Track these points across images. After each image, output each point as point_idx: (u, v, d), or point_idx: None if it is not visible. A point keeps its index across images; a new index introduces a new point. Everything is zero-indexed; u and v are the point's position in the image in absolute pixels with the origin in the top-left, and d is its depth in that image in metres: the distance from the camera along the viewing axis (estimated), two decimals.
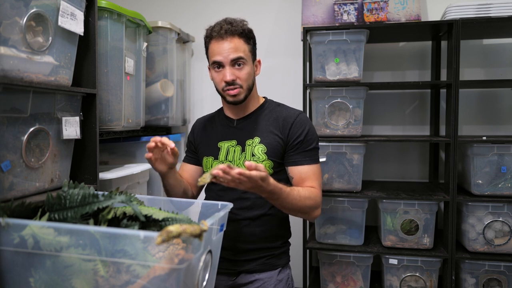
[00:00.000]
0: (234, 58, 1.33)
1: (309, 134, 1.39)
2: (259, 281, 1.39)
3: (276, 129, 1.39)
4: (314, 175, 1.38)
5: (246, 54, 1.36)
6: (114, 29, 1.59)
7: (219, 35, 1.33)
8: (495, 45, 2.32)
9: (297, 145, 1.38)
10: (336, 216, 2.09)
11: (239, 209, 1.36)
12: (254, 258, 1.39)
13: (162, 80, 2.11)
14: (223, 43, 1.33)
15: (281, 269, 1.43)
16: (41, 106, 1.13)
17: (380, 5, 2.23)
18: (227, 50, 1.33)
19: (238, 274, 1.40)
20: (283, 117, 1.41)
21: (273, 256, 1.41)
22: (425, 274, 2.01)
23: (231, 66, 1.34)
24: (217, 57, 1.34)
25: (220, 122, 1.50)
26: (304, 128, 1.39)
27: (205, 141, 1.48)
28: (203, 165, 1.46)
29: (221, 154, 1.42)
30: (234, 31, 1.33)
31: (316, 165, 1.39)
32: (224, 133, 1.45)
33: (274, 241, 1.42)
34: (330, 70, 2.07)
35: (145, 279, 0.78)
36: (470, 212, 1.95)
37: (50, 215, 0.90)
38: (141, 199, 1.07)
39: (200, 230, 0.77)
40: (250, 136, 1.40)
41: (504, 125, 2.32)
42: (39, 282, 0.81)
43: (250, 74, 1.37)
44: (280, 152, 1.38)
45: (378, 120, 2.44)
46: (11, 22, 1.00)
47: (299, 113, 1.43)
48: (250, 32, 1.39)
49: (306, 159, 1.38)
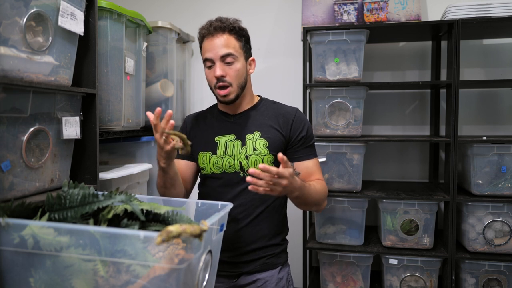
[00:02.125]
0: (224, 54, 1.33)
1: (309, 130, 1.44)
2: (260, 280, 1.39)
3: (276, 124, 1.40)
4: (318, 169, 1.45)
5: (236, 50, 1.35)
6: (114, 29, 1.59)
7: (209, 32, 1.35)
8: (495, 45, 2.32)
9: (301, 140, 1.41)
10: (336, 216, 2.09)
11: (237, 208, 1.36)
12: (255, 258, 1.39)
13: (162, 80, 2.11)
14: (213, 40, 1.34)
15: (281, 267, 1.44)
16: (41, 106, 1.12)
17: (380, 5, 2.23)
18: (216, 46, 1.33)
19: (239, 275, 1.40)
20: (282, 114, 1.43)
21: (273, 255, 1.42)
22: (425, 274, 2.00)
23: (221, 62, 1.34)
24: (207, 54, 1.35)
25: (215, 117, 1.49)
26: (304, 124, 1.43)
27: (199, 137, 1.46)
28: (199, 161, 1.44)
29: (219, 148, 1.40)
30: (224, 27, 1.34)
31: (316, 158, 1.46)
32: (221, 128, 1.44)
33: (273, 239, 1.42)
34: (330, 70, 2.07)
35: (145, 279, 0.78)
36: (470, 212, 1.95)
37: (50, 215, 0.90)
38: (141, 199, 1.07)
39: (200, 230, 0.77)
40: (249, 131, 1.40)
41: (504, 125, 2.32)
42: (39, 282, 0.81)
43: (241, 72, 1.36)
44: (281, 148, 1.39)
45: (378, 120, 2.44)
46: (11, 22, 1.00)
47: (296, 109, 1.46)
48: (241, 29, 1.39)
49: (310, 154, 1.43)
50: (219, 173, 1.40)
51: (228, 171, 1.39)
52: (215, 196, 1.38)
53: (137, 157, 1.94)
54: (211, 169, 1.41)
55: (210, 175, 1.42)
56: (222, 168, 1.39)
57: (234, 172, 1.38)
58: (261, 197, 1.35)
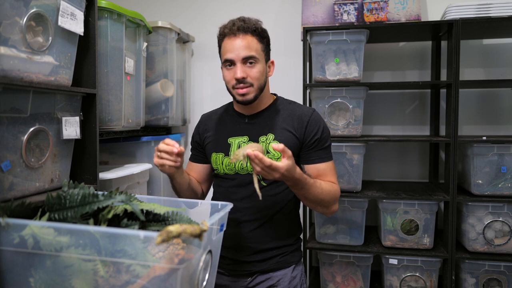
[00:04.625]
0: (246, 56, 1.31)
1: (325, 132, 1.40)
2: (273, 279, 1.39)
3: (291, 126, 1.38)
4: (331, 171, 1.39)
5: (258, 53, 1.33)
6: (114, 29, 1.59)
7: (232, 31, 1.32)
8: (495, 45, 2.32)
9: (315, 143, 1.37)
10: (336, 216, 2.09)
11: (250, 208, 1.35)
12: (269, 257, 1.38)
13: (162, 80, 2.11)
14: (235, 40, 1.31)
15: (295, 266, 1.43)
16: (41, 106, 1.12)
17: (380, 5, 2.23)
18: (238, 48, 1.30)
19: (253, 274, 1.39)
20: (298, 115, 1.40)
21: (287, 253, 1.41)
22: (425, 274, 2.00)
23: (242, 64, 1.32)
24: (229, 54, 1.32)
25: (229, 117, 1.47)
26: (319, 126, 1.39)
27: (213, 137, 1.45)
28: (212, 162, 1.42)
29: (232, 150, 1.39)
30: (247, 28, 1.31)
31: (331, 161, 1.41)
32: (235, 129, 1.42)
33: (287, 239, 1.41)
34: (330, 70, 2.07)
35: (145, 279, 0.78)
36: (470, 212, 1.95)
37: (50, 215, 0.90)
38: (141, 199, 1.07)
39: (200, 230, 0.77)
40: (263, 133, 1.38)
41: (504, 125, 2.32)
42: (39, 282, 0.81)
43: (261, 73, 1.35)
44: (295, 150, 1.36)
45: (378, 120, 2.44)
46: (11, 22, 1.00)
47: (313, 110, 1.42)
48: (263, 31, 1.37)
49: (323, 157, 1.38)
50: (232, 174, 1.39)
51: (241, 172, 1.37)
52: (228, 197, 1.37)
53: (137, 157, 1.94)
54: (224, 170, 1.40)
55: (223, 175, 1.41)
56: (235, 169, 1.38)
57: (247, 174, 1.36)
58: (274, 198, 1.35)
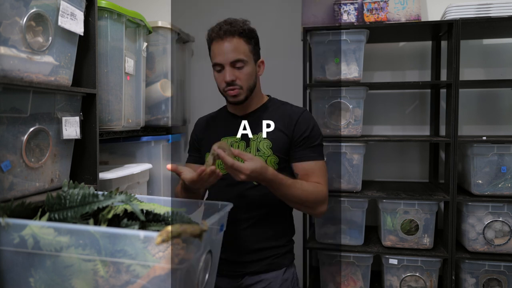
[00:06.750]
0: (234, 60, 1.32)
1: (314, 131, 1.40)
2: (265, 281, 1.39)
3: (281, 125, 1.39)
4: (320, 171, 1.37)
5: (246, 54, 1.35)
6: (114, 29, 1.59)
7: (218, 35, 1.33)
8: (495, 45, 2.32)
9: (303, 141, 1.38)
10: (336, 216, 2.09)
11: (242, 207, 1.36)
12: (260, 258, 1.38)
13: (162, 80, 2.11)
14: (222, 44, 1.33)
15: (286, 268, 1.43)
16: (41, 106, 1.12)
17: (380, 5, 2.23)
18: (226, 51, 1.32)
19: (243, 276, 1.39)
20: (288, 114, 1.41)
21: (278, 255, 1.41)
22: (425, 274, 2.00)
23: (231, 67, 1.34)
24: (217, 58, 1.34)
25: (223, 118, 1.50)
26: (309, 124, 1.40)
27: (208, 138, 1.47)
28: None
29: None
30: (233, 31, 1.33)
31: (321, 161, 1.39)
32: (228, 129, 1.44)
33: (278, 240, 1.41)
34: (330, 70, 2.07)
35: (145, 279, 0.78)
36: (470, 212, 1.95)
37: (50, 215, 0.90)
38: (141, 199, 1.07)
39: (200, 230, 0.77)
40: (254, 132, 1.40)
41: (504, 125, 2.32)
42: (39, 282, 0.81)
43: (250, 75, 1.37)
44: (285, 148, 1.38)
45: (378, 120, 2.44)
46: (11, 22, 1.00)
47: (304, 110, 1.44)
48: (251, 31, 1.37)
49: (311, 155, 1.38)
50: (225, 174, 1.40)
51: None
52: (221, 196, 1.37)
53: (137, 157, 1.94)
54: None
55: None
56: None
57: None
58: (265, 198, 1.35)
